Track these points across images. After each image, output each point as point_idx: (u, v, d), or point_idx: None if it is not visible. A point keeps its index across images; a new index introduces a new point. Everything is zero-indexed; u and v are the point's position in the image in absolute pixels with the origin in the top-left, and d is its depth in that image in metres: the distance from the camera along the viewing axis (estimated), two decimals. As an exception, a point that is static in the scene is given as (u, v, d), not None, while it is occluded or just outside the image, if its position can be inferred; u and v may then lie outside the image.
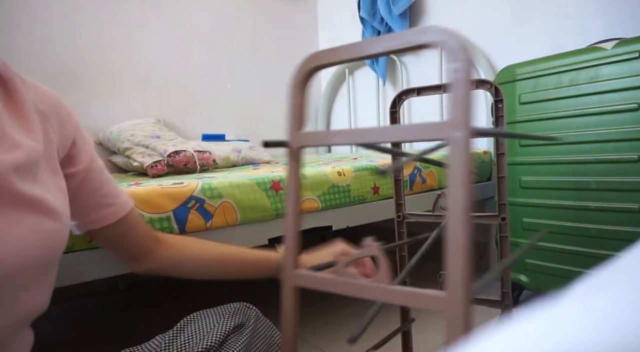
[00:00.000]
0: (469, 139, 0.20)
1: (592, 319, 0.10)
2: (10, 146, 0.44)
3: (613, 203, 1.09)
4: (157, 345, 0.62)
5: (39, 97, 0.52)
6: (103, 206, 0.59)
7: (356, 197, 1.21)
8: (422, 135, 0.21)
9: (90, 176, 0.57)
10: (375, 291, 0.23)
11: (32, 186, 0.45)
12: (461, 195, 0.21)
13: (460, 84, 0.20)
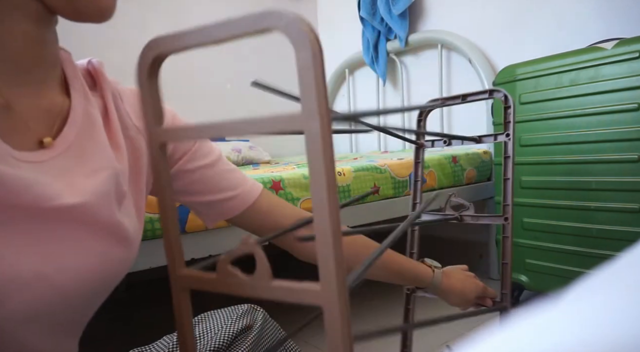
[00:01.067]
0: (327, 129, 0.19)
1: (592, 319, 0.10)
2: (96, 169, 0.43)
3: (613, 203, 1.09)
4: (165, 346, 0.62)
5: (134, 110, 0.51)
6: (221, 201, 0.57)
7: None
8: (274, 127, 0.20)
9: (197, 174, 0.55)
10: (254, 288, 0.23)
11: (114, 212, 0.44)
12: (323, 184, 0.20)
13: (307, 72, 0.19)
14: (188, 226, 0.90)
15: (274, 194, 0.64)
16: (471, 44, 1.73)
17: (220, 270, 0.25)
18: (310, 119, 0.19)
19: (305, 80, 0.20)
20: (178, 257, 0.27)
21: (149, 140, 0.25)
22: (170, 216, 0.26)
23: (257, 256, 0.23)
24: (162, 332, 0.65)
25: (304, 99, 0.19)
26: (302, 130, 0.19)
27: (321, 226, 0.19)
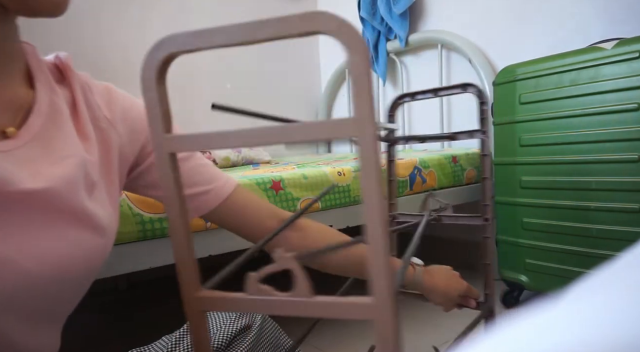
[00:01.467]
0: (376, 137, 0.19)
1: (592, 319, 0.10)
2: (64, 157, 0.43)
3: (613, 203, 1.09)
4: (164, 346, 0.62)
5: (105, 102, 0.51)
6: (195, 195, 0.57)
7: (356, 197, 1.21)
8: (324, 134, 0.19)
9: None
10: (294, 306, 0.21)
11: (84, 199, 0.44)
12: (375, 195, 0.19)
13: (362, 77, 0.19)
14: (188, 226, 0.90)
15: (249, 191, 0.63)
16: (471, 44, 1.73)
17: (250, 289, 0.22)
18: (364, 125, 0.19)
19: (359, 85, 0.19)
20: (193, 277, 0.24)
21: (155, 148, 0.23)
22: (181, 229, 0.24)
23: (295, 271, 0.21)
24: (162, 332, 0.65)
25: (358, 105, 0.19)
26: (353, 136, 0.19)
27: (374, 236, 0.19)
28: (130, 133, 0.53)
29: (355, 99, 0.19)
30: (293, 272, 0.22)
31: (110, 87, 0.54)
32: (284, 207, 1.05)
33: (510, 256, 1.34)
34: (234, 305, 0.23)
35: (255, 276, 0.22)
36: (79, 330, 1.46)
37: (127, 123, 0.53)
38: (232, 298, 0.23)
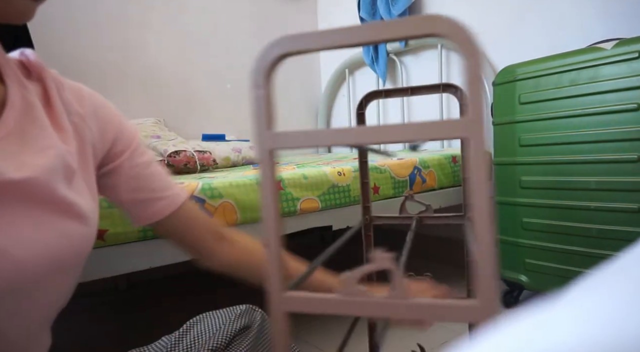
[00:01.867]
0: (483, 138, 0.19)
1: (591, 319, 0.10)
2: (42, 148, 0.44)
3: (613, 203, 1.09)
4: (164, 346, 0.62)
5: (77, 99, 0.52)
6: (152, 200, 0.58)
7: (356, 197, 1.21)
8: (435, 134, 0.20)
9: (134, 172, 0.57)
10: (392, 308, 0.20)
11: (64, 189, 0.45)
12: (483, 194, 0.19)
13: (476, 80, 0.19)
14: (188, 226, 0.90)
15: (196, 205, 0.65)
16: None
17: (344, 289, 0.22)
18: (476, 126, 0.19)
19: (473, 88, 0.19)
20: (280, 276, 0.23)
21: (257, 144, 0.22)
22: (274, 228, 0.23)
23: (394, 272, 0.21)
24: (162, 332, 0.65)
25: (471, 106, 0.19)
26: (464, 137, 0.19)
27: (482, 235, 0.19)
28: (100, 131, 0.54)
29: (470, 99, 0.19)
30: (392, 273, 0.21)
31: (80, 85, 0.55)
32: (283, 207, 1.05)
33: (510, 255, 1.34)
34: (325, 306, 0.22)
35: (351, 275, 0.22)
36: (79, 330, 1.46)
37: (97, 121, 0.54)
38: (322, 299, 0.22)
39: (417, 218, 0.64)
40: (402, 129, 0.20)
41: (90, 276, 0.78)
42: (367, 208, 0.67)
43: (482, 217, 0.19)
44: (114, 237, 0.81)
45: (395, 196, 1.31)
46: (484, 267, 0.19)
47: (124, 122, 0.58)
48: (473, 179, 0.19)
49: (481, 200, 0.19)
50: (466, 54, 0.19)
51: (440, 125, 0.20)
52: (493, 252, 0.19)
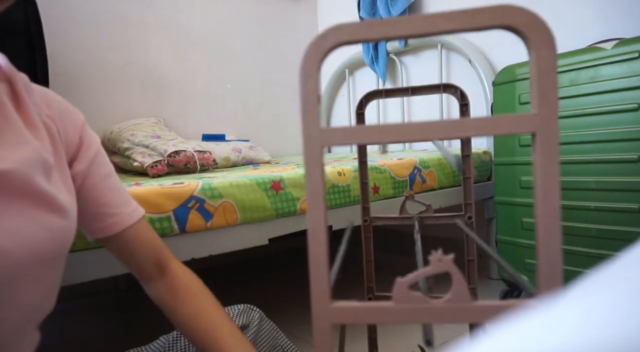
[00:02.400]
0: (556, 134, 0.18)
1: (591, 319, 0.10)
2: (18, 143, 0.45)
3: (613, 203, 1.09)
4: (161, 346, 0.62)
5: (45, 102, 0.53)
6: (101, 216, 0.57)
7: (356, 197, 1.21)
8: (503, 129, 0.19)
9: (89, 182, 0.56)
10: (453, 313, 0.19)
11: (44, 182, 0.46)
12: (554, 190, 0.19)
13: (549, 73, 0.18)
14: (188, 225, 0.90)
15: (151, 227, 0.63)
16: (471, 44, 1.73)
17: (398, 296, 0.20)
18: (549, 120, 0.18)
19: (547, 81, 0.18)
20: (326, 285, 0.21)
21: (308, 139, 0.21)
22: (321, 232, 0.21)
23: (455, 275, 0.20)
24: (162, 332, 0.65)
25: (542, 101, 0.18)
26: (532, 132, 0.18)
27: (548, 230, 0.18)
28: (65, 135, 0.54)
29: (540, 94, 0.18)
30: (452, 276, 0.20)
31: (47, 90, 0.55)
32: (284, 207, 1.05)
33: (510, 256, 1.34)
34: (378, 316, 0.20)
35: (405, 281, 0.20)
36: (79, 330, 1.46)
37: (62, 126, 0.54)
38: (374, 308, 0.20)
39: (417, 218, 0.64)
40: (463, 124, 0.19)
41: (90, 276, 0.78)
42: (367, 209, 0.67)
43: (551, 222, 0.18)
44: (114, 237, 0.81)
45: (395, 196, 1.31)
46: (550, 266, 0.18)
47: (86, 131, 0.58)
48: (540, 180, 0.18)
49: (552, 203, 0.18)
50: (541, 45, 0.18)
51: (505, 121, 0.19)
52: (560, 257, 0.18)
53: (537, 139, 0.18)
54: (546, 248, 0.18)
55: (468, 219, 0.65)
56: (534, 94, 0.18)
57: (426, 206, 0.65)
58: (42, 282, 0.47)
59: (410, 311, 0.20)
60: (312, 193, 0.21)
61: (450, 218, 0.65)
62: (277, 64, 2.37)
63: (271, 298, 1.53)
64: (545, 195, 0.18)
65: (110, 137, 1.63)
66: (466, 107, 0.62)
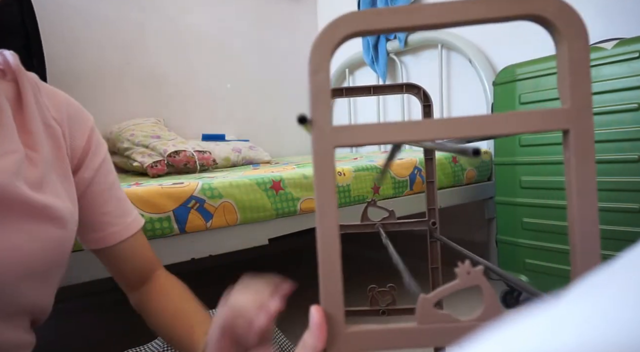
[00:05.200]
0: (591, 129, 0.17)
1: (591, 319, 0.10)
2: (5, 152, 0.43)
3: (613, 203, 1.08)
4: (160, 345, 0.62)
5: (53, 104, 0.52)
6: (103, 225, 0.56)
7: (356, 197, 1.21)
8: (532, 126, 0.17)
9: (92, 190, 0.55)
10: None
11: (31, 192, 0.44)
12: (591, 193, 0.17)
13: (581, 65, 0.17)
14: (188, 226, 0.90)
15: (144, 237, 0.62)
16: (471, 44, 1.73)
17: (422, 315, 0.18)
18: (583, 115, 0.17)
19: (579, 73, 0.17)
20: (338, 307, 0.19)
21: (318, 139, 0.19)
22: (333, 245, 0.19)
23: (485, 289, 0.18)
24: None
25: (574, 95, 0.17)
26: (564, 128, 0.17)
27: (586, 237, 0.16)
28: (72, 139, 0.53)
29: (571, 88, 0.17)
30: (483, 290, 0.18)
31: (56, 91, 0.54)
32: (284, 207, 1.05)
33: (510, 255, 1.34)
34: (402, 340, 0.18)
35: (430, 298, 0.18)
36: (78, 330, 1.46)
37: (70, 129, 0.53)
38: (396, 331, 0.18)
39: (380, 225, 0.62)
40: (489, 121, 0.17)
41: (90, 276, 0.78)
42: None
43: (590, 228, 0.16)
44: (113, 237, 0.81)
45: (395, 196, 1.31)
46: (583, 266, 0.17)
47: (94, 137, 0.56)
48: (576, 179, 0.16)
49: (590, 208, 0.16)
50: (572, 35, 0.17)
51: (535, 116, 0.17)
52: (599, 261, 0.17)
53: (570, 137, 0.17)
54: (585, 256, 0.16)
55: (432, 225, 0.63)
56: (564, 88, 0.17)
57: (389, 212, 0.64)
58: (36, 293, 0.46)
59: (438, 332, 0.18)
60: (322, 203, 0.19)
61: (414, 224, 0.63)
62: (277, 64, 2.37)
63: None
64: (582, 199, 0.16)
65: (110, 137, 1.63)
66: (429, 108, 0.60)
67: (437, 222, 0.62)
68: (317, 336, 0.22)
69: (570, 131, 0.17)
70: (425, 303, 0.18)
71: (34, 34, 1.40)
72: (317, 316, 0.22)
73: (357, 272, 1.84)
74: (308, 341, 0.23)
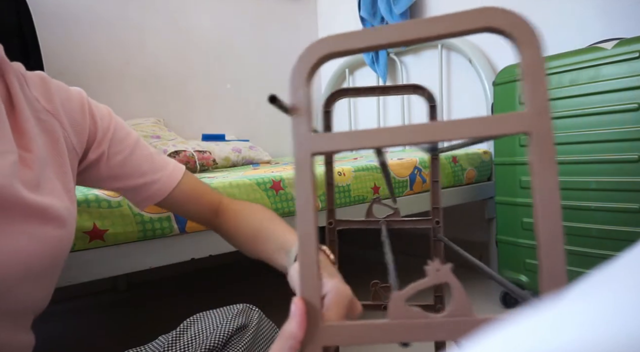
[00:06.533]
0: (550, 132, 0.18)
1: (592, 319, 0.10)
2: (1, 152, 0.43)
3: (613, 203, 1.08)
4: (160, 345, 0.62)
5: (44, 95, 0.51)
6: (144, 186, 0.57)
7: (356, 197, 1.21)
8: (492, 130, 0.18)
9: (116, 160, 0.55)
10: (454, 329, 0.18)
11: (29, 193, 0.43)
12: (553, 193, 0.18)
13: (536, 71, 0.18)
14: (188, 225, 0.90)
15: (196, 177, 0.65)
16: (471, 44, 1.73)
17: (394, 311, 0.18)
18: (541, 119, 0.18)
19: (535, 79, 0.18)
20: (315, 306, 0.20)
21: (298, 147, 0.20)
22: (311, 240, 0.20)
23: (454, 286, 0.19)
24: (161, 332, 0.65)
25: (531, 99, 0.18)
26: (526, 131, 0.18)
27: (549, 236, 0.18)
28: (72, 124, 0.52)
29: (529, 93, 0.18)
30: (451, 288, 0.19)
31: (44, 77, 0.52)
32: (284, 207, 1.05)
33: (510, 256, 1.34)
34: (376, 335, 0.19)
35: (401, 295, 0.19)
36: (79, 330, 1.46)
37: (67, 114, 0.52)
38: (372, 326, 0.19)
39: (384, 222, 0.63)
40: (455, 125, 0.18)
41: (90, 276, 0.78)
42: (332, 211, 0.64)
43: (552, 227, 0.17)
44: (113, 237, 0.81)
45: (395, 196, 1.31)
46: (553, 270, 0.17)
47: (95, 110, 0.56)
48: (538, 180, 0.17)
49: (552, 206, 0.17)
50: (525, 44, 0.18)
51: (499, 121, 0.18)
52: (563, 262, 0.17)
53: (532, 139, 0.18)
54: (548, 253, 0.17)
55: (436, 224, 0.63)
56: (525, 93, 0.18)
57: (394, 209, 0.64)
58: (35, 292, 0.46)
59: (409, 328, 0.18)
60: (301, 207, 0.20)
61: (418, 222, 0.64)
62: (277, 64, 2.37)
63: (271, 298, 1.53)
64: (543, 198, 0.18)
65: (110, 137, 1.63)
66: (434, 108, 0.61)
67: (441, 222, 0.63)
68: (297, 325, 0.23)
69: (532, 134, 0.18)
70: (397, 300, 0.19)
71: (31, 35, 1.40)
72: (298, 306, 0.24)
73: (362, 269, 1.84)
74: (288, 329, 0.24)
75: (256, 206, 0.65)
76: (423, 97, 0.61)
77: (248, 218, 0.62)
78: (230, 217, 0.64)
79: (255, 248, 0.59)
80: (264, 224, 0.60)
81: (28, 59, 1.38)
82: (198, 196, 0.63)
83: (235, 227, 0.63)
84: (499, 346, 0.11)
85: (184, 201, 0.61)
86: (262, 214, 0.62)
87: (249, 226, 0.61)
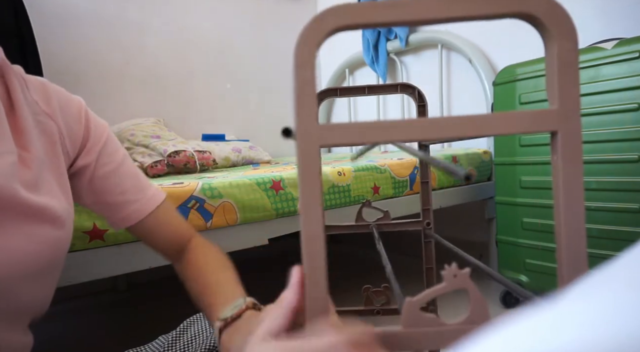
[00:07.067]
0: (579, 132, 0.17)
1: (592, 319, 0.10)
2: (0, 152, 0.43)
3: (613, 203, 1.08)
4: (160, 345, 0.62)
5: (43, 98, 0.51)
6: (123, 204, 0.56)
7: (356, 197, 1.21)
8: (521, 127, 0.17)
9: (101, 172, 0.55)
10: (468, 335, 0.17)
11: (27, 193, 0.43)
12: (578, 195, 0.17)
13: (569, 66, 0.16)
14: (188, 225, 0.90)
15: (174, 208, 0.62)
16: (471, 44, 1.73)
17: (408, 320, 0.18)
18: (571, 117, 0.16)
19: (568, 74, 0.17)
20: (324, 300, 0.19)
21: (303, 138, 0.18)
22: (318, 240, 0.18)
23: (472, 292, 0.18)
24: (161, 332, 0.65)
25: (561, 97, 0.17)
26: (553, 130, 0.17)
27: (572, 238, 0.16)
28: (68, 129, 0.52)
29: (559, 89, 0.17)
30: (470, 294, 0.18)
31: (44, 81, 0.53)
32: (284, 207, 1.05)
33: (510, 255, 1.33)
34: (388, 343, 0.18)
35: (416, 302, 0.18)
36: (79, 330, 1.46)
37: (64, 119, 0.52)
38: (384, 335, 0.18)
39: (375, 226, 0.61)
40: (478, 122, 0.17)
41: (90, 276, 0.78)
42: None
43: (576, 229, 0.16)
44: (113, 237, 0.81)
45: (395, 196, 1.31)
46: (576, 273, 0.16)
47: (91, 119, 0.56)
48: (563, 181, 0.16)
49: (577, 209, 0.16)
50: (561, 36, 0.16)
51: (525, 117, 0.17)
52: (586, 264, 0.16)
53: (558, 138, 0.16)
54: (571, 256, 0.16)
55: (427, 225, 0.62)
56: (553, 89, 0.17)
57: (384, 212, 0.63)
58: (34, 292, 0.46)
59: (423, 336, 0.17)
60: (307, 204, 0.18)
61: (409, 224, 0.63)
62: (277, 64, 2.37)
63: (271, 298, 1.53)
64: (568, 200, 0.16)
65: (110, 137, 1.63)
66: (423, 108, 0.60)
67: (431, 223, 0.62)
68: (294, 293, 0.24)
69: (559, 133, 0.16)
70: (411, 306, 0.18)
71: (28, 35, 1.39)
72: (297, 275, 0.24)
73: (352, 273, 1.84)
74: (285, 297, 0.25)
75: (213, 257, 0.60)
76: (412, 97, 0.60)
77: (204, 272, 0.58)
78: (193, 261, 0.60)
79: (201, 303, 0.55)
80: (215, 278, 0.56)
81: (26, 59, 1.38)
82: (172, 225, 0.60)
83: (191, 279, 0.58)
84: (499, 346, 0.11)
85: (157, 229, 0.58)
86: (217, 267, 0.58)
87: (201, 280, 0.57)
